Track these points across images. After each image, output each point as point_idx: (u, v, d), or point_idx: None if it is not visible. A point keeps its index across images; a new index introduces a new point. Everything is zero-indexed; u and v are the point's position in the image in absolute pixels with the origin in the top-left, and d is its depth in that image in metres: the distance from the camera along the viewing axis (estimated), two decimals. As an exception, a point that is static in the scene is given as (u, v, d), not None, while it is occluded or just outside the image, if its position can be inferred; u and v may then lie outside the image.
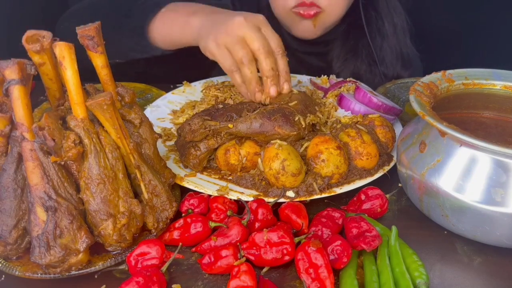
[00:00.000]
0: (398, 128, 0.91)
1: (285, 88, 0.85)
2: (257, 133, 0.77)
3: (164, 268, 0.60)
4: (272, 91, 0.84)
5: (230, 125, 0.76)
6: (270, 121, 0.76)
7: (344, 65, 1.24)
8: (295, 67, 1.33)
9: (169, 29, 0.98)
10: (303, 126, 0.79)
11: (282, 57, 0.84)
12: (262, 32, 0.82)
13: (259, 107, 0.83)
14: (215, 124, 0.77)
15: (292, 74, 1.15)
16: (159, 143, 0.89)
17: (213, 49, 0.84)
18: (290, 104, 0.82)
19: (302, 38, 1.20)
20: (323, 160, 0.73)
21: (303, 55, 1.32)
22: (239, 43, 0.80)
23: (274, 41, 0.83)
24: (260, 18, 0.84)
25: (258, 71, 0.84)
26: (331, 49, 1.25)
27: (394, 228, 0.65)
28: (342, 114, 0.94)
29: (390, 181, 0.79)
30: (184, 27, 0.93)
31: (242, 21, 0.81)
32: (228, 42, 0.81)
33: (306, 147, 0.77)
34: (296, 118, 0.78)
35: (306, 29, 1.14)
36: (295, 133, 0.77)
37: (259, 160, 0.76)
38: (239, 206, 0.73)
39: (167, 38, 1.00)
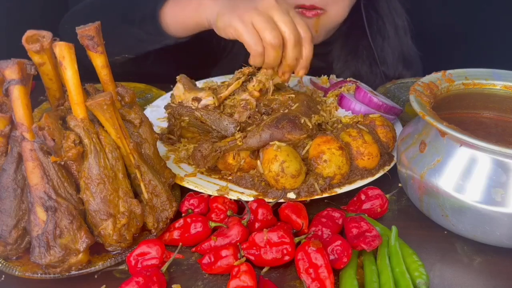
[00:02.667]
0: (398, 128, 0.91)
1: (301, 73, 0.86)
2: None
3: (164, 268, 0.60)
4: (286, 76, 0.87)
5: (239, 143, 0.76)
6: (279, 129, 0.76)
7: (345, 66, 1.23)
8: None
9: (181, 12, 0.96)
10: (310, 127, 0.79)
11: (310, 43, 0.83)
12: (290, 16, 0.80)
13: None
14: (224, 145, 0.77)
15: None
16: (159, 143, 0.89)
17: (238, 26, 0.80)
18: (292, 108, 0.82)
19: None
20: (325, 161, 0.73)
21: None
22: (269, 23, 0.78)
23: (303, 27, 0.81)
24: (289, 3, 0.84)
25: None
26: (331, 50, 1.25)
27: (394, 228, 0.65)
28: (342, 114, 0.94)
29: (390, 181, 0.79)
30: (198, 9, 0.92)
31: (273, 2, 0.80)
32: (257, 21, 0.78)
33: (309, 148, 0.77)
34: (302, 121, 0.78)
35: None
36: (305, 135, 0.77)
37: (258, 162, 0.76)
38: (239, 206, 0.73)
39: (180, 21, 0.98)
